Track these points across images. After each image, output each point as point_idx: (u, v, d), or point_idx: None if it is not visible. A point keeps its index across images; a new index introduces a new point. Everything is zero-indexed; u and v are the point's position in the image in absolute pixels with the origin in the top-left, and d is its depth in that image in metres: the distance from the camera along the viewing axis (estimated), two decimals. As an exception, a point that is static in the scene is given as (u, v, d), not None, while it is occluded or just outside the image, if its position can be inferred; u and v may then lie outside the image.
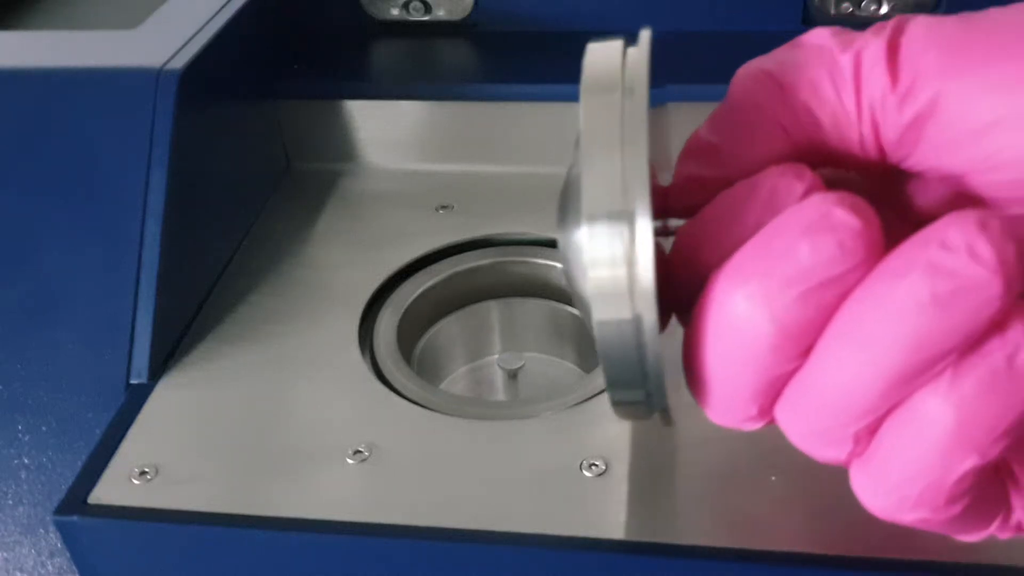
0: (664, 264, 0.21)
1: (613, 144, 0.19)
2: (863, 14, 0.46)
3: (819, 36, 0.20)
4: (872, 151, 0.20)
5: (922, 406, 0.17)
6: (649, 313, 0.19)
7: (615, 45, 0.21)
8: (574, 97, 0.20)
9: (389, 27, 0.50)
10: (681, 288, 0.21)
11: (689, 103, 0.33)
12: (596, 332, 0.19)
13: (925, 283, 0.16)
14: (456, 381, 0.42)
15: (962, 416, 0.17)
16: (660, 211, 0.21)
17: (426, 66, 0.48)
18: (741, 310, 0.18)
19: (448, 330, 0.41)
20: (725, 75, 0.22)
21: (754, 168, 0.20)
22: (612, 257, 0.19)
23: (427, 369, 0.40)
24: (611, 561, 0.27)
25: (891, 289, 0.16)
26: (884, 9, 0.46)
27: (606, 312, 0.19)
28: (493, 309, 0.41)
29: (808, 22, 0.46)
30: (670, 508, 0.28)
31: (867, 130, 0.20)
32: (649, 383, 0.20)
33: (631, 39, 0.21)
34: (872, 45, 0.19)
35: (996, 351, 0.16)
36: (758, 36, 0.23)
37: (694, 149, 0.22)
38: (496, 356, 0.42)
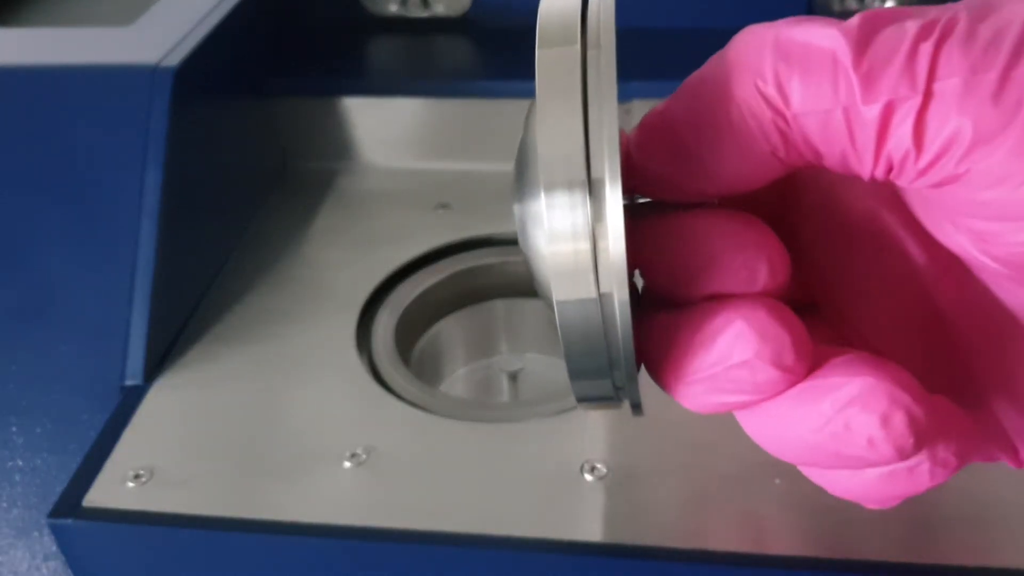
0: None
1: (574, 101, 0.17)
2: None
3: (831, 41, 0.17)
4: (880, 183, 0.19)
5: (837, 477, 0.20)
6: (621, 291, 0.17)
7: None
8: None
9: (387, 23, 0.50)
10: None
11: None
12: (557, 313, 0.17)
13: (832, 445, 0.18)
14: (455, 383, 0.41)
15: (868, 491, 0.20)
16: (626, 180, 0.19)
17: (425, 63, 0.48)
18: (679, 397, 0.19)
19: (447, 331, 0.41)
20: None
21: (736, 185, 0.19)
22: (574, 229, 0.17)
23: (426, 370, 0.39)
24: (612, 565, 0.27)
25: (805, 435, 0.18)
26: (889, 4, 0.45)
27: (568, 290, 0.17)
28: (493, 310, 0.41)
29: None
30: (672, 512, 0.28)
31: (880, 173, 0.18)
32: (618, 372, 0.18)
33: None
34: (906, 101, 0.16)
35: (898, 466, 0.19)
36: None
37: (668, 144, 0.19)
38: (496, 357, 0.42)
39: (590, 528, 0.28)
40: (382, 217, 0.42)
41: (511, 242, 0.40)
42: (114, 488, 0.30)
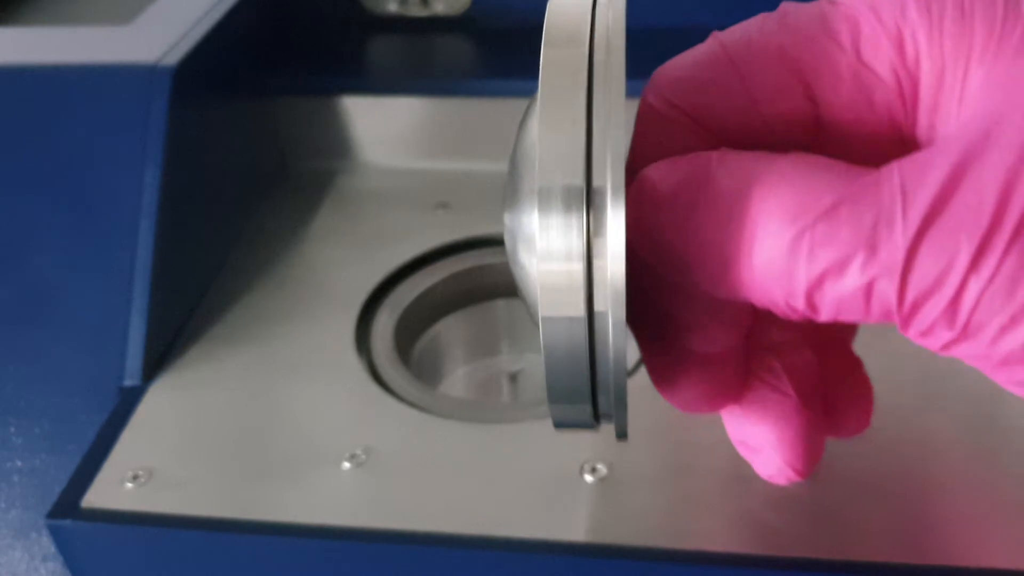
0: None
1: (578, 106, 0.16)
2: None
3: (875, 276, 0.16)
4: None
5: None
6: (617, 311, 0.16)
7: None
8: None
9: (387, 22, 0.50)
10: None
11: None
12: (541, 331, 0.16)
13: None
14: (455, 383, 0.41)
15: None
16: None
17: (424, 62, 0.48)
18: None
19: (447, 331, 0.41)
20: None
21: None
22: (569, 240, 0.16)
23: (425, 371, 0.39)
24: (612, 566, 0.27)
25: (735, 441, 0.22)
26: None
27: (556, 307, 0.16)
28: (493, 310, 0.41)
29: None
30: (672, 512, 0.28)
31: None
32: (604, 396, 0.17)
33: None
34: (940, 333, 0.16)
35: None
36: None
37: (672, 266, 0.17)
38: (496, 358, 0.42)
39: (590, 529, 0.28)
40: (382, 217, 0.42)
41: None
42: (112, 489, 0.30)
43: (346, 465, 0.30)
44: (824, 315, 0.17)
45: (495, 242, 0.41)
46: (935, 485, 0.28)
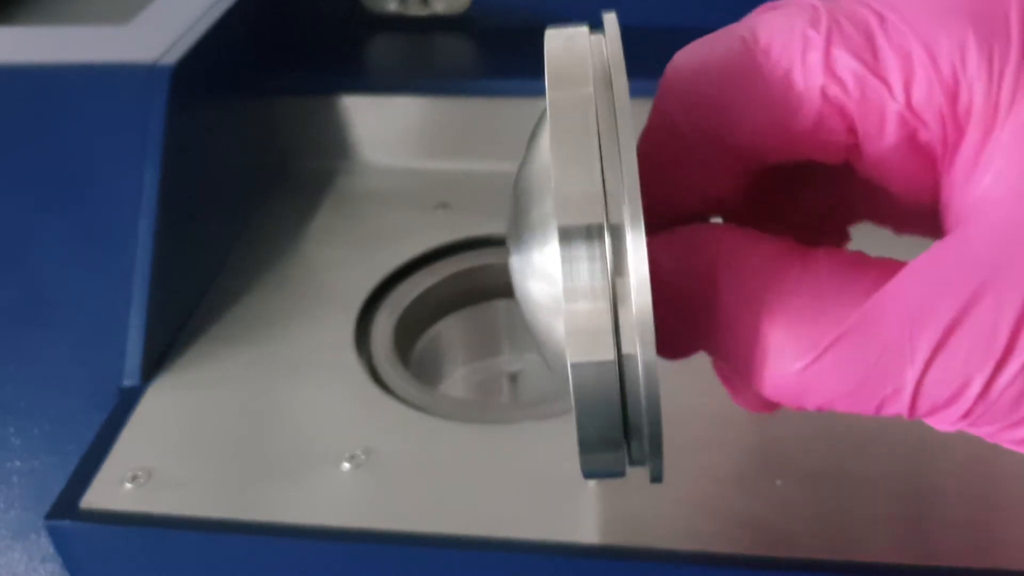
0: None
1: (591, 144, 0.16)
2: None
3: (888, 381, 0.16)
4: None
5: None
6: (647, 351, 0.15)
7: (580, 31, 0.18)
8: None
9: (387, 22, 0.50)
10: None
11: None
12: (571, 377, 0.16)
13: None
14: (455, 384, 0.41)
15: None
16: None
17: (424, 62, 0.48)
18: None
19: (447, 332, 0.41)
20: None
21: None
22: (592, 281, 0.15)
23: (425, 371, 0.39)
24: (612, 567, 0.27)
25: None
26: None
27: (586, 352, 0.15)
28: (493, 310, 0.41)
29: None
30: (674, 513, 0.28)
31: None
32: (637, 442, 0.17)
33: (593, 26, 0.19)
34: (944, 410, 0.16)
35: None
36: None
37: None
38: (496, 358, 0.42)
39: (590, 530, 0.28)
40: (382, 217, 0.42)
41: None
42: (111, 490, 0.30)
43: (346, 466, 0.30)
44: (838, 411, 0.17)
45: (495, 242, 0.40)
46: (935, 485, 0.28)
